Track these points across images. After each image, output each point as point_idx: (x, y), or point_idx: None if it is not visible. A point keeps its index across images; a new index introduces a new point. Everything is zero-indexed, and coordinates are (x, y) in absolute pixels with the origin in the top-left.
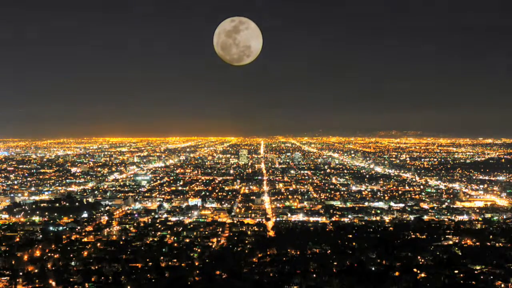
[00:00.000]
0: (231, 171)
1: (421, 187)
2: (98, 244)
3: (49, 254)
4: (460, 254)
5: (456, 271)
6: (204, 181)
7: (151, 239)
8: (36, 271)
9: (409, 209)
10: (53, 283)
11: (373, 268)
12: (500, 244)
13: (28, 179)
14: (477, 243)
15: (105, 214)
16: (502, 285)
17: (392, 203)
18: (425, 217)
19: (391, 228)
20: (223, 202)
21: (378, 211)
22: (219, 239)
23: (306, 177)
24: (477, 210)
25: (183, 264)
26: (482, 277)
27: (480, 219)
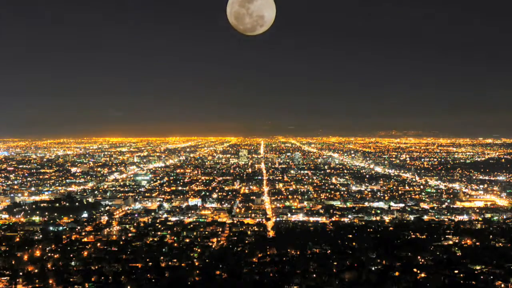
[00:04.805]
0: (231, 171)
1: (421, 187)
2: (98, 244)
3: (49, 254)
4: (460, 254)
5: (456, 271)
6: (204, 181)
7: (151, 239)
8: (36, 271)
9: (409, 209)
10: (53, 283)
11: (373, 268)
12: (500, 244)
13: (28, 179)
14: (477, 243)
15: (105, 214)
16: (502, 285)
17: (392, 203)
18: (425, 217)
19: (391, 228)
20: (223, 202)
21: (378, 211)
22: (219, 239)
23: (306, 177)
24: (477, 210)
25: (183, 264)
26: (482, 277)
27: (480, 219)
